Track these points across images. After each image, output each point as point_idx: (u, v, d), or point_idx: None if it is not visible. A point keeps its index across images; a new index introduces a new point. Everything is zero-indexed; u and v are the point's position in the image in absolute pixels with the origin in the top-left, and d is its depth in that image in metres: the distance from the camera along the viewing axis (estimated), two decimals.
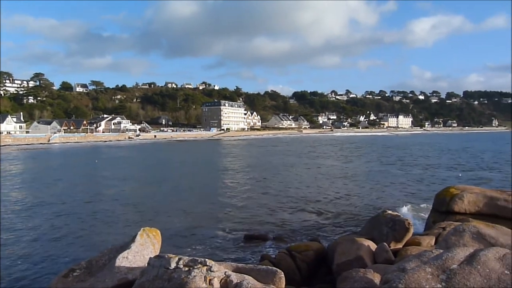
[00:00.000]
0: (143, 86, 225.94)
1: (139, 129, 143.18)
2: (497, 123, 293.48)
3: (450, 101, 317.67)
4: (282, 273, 5.54)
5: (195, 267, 5.01)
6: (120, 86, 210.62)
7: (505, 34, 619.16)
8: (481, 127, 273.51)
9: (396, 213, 9.95)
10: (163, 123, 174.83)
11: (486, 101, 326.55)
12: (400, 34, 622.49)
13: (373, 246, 8.53)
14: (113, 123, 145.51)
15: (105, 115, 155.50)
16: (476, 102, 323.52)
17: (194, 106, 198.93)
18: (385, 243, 8.48)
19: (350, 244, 8.44)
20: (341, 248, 8.48)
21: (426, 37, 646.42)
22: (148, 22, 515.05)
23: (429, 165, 40.77)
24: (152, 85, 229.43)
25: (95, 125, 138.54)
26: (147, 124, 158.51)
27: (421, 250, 6.52)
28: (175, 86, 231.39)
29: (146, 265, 5.74)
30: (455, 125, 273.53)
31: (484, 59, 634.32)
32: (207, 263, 5.04)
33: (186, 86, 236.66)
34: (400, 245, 9.02)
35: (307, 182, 28.71)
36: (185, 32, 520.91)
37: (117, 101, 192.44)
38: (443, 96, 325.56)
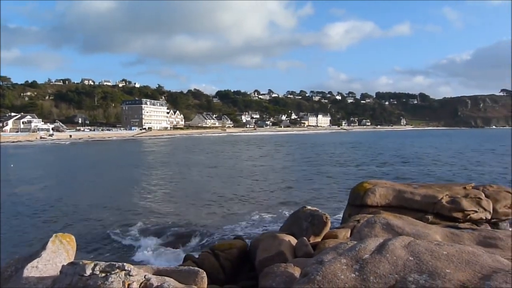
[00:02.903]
0: (56, 83, 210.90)
1: (53, 129, 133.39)
2: (405, 122, 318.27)
3: (364, 102, 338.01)
4: (204, 272, 5.50)
5: (113, 272, 4.78)
6: (30, 82, 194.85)
7: (409, 41, 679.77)
8: (391, 125, 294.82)
9: (315, 208, 10.36)
10: (80, 122, 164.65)
11: (395, 102, 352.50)
12: (317, 37, 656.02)
13: (293, 241, 8.80)
14: (23, 122, 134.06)
15: (12, 114, 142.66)
16: (387, 103, 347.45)
17: (113, 104, 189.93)
18: (304, 238, 8.79)
19: (271, 240, 8.63)
20: (263, 244, 8.63)
21: (340, 41, 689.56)
22: (60, 15, 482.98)
23: (346, 162, 43.11)
24: (66, 82, 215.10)
25: (1, 124, 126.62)
26: (61, 123, 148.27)
27: (337, 243, 6.84)
28: (92, 83, 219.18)
29: (59, 273, 5.37)
30: (369, 124, 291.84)
31: (392, 63, 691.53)
32: (126, 268, 4.83)
33: (105, 83, 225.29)
34: (319, 239, 9.40)
35: (227, 181, 28.82)
36: (102, 27, 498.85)
37: (26, 98, 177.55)
38: (358, 96, 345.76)
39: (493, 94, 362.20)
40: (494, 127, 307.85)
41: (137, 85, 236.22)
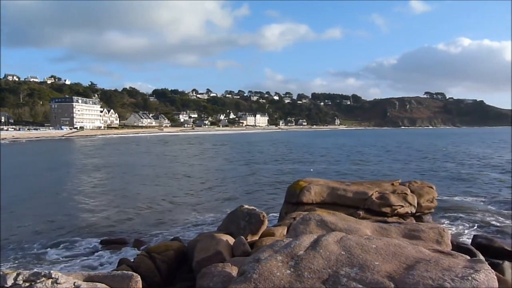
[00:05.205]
0: None
1: None
2: (339, 122, 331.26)
3: (301, 102, 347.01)
4: (139, 276, 5.34)
5: (38, 281, 4.49)
6: None
7: (341, 44, 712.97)
8: (326, 125, 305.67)
9: (253, 207, 10.46)
10: (2, 120, 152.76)
11: (330, 103, 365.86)
12: (253, 37, 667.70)
13: (231, 240, 8.83)
14: None
15: None
16: (322, 103, 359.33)
17: (41, 102, 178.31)
18: (242, 237, 8.85)
19: (209, 240, 8.59)
20: (200, 245, 8.57)
21: (276, 42, 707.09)
22: None
23: (282, 159, 43.97)
24: None
25: None
26: None
27: (274, 240, 6.96)
28: (17, 79, 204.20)
29: None
30: (305, 123, 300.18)
31: (325, 65, 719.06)
32: (53, 275, 4.56)
33: (31, 79, 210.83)
34: (256, 237, 9.51)
35: (163, 183, 28.18)
36: (26, 20, 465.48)
37: None
38: (294, 97, 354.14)
39: (418, 96, 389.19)
40: (419, 127, 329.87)
41: (68, 82, 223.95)
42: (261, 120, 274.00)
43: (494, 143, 78.95)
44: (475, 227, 14.59)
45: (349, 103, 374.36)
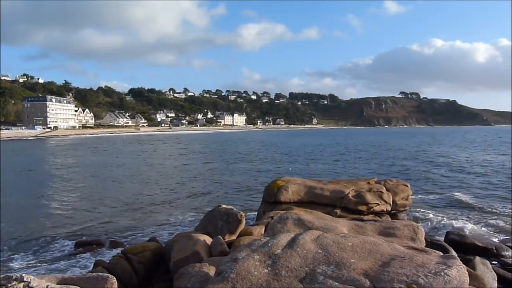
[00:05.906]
0: None
1: None
2: (316, 121, 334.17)
3: (278, 101, 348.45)
4: (114, 278, 5.24)
5: (9, 285, 4.34)
6: None
7: (317, 44, 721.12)
8: (304, 125, 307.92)
9: (230, 206, 10.44)
10: None
11: (307, 102, 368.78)
12: (230, 36, 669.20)
13: (209, 240, 8.79)
14: None
15: None
16: (299, 103, 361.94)
17: (13, 101, 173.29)
18: (219, 236, 8.83)
19: (187, 241, 8.53)
20: (178, 245, 8.51)
21: (253, 42, 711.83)
22: None
23: (259, 159, 44.05)
24: None
25: None
26: None
27: (252, 240, 6.96)
28: None
29: None
30: (283, 123, 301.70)
31: (303, 65, 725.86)
32: (25, 279, 4.42)
33: (2, 77, 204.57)
34: (234, 237, 9.50)
35: (140, 183, 27.81)
36: None
37: None
38: (272, 96, 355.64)
39: (393, 96, 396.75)
40: (394, 126, 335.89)
41: (41, 81, 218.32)
42: (239, 120, 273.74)
43: (464, 143, 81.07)
44: (449, 224, 14.95)
45: (326, 102, 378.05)
